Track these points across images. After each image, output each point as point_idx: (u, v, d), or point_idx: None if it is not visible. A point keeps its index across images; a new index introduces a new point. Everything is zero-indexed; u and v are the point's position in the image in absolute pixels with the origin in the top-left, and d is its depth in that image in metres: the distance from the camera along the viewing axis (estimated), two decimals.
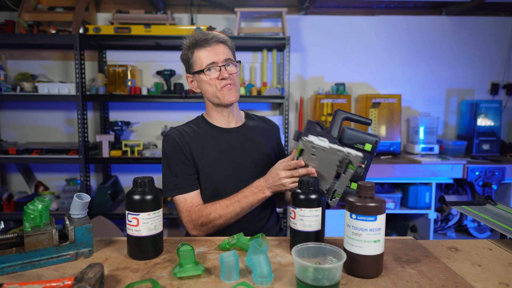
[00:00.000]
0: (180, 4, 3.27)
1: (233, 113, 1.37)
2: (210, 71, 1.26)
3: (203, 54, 1.27)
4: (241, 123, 1.41)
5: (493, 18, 3.34)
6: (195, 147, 1.31)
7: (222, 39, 1.29)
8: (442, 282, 0.80)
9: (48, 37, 2.83)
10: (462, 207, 1.23)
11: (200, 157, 1.31)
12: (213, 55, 1.26)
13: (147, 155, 2.92)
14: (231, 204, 1.20)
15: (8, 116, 3.28)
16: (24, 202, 2.96)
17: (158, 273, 0.84)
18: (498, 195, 2.99)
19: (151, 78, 3.29)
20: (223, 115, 1.36)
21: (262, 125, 1.46)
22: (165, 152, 1.30)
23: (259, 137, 1.40)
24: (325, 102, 3.09)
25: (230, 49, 1.32)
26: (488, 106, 3.12)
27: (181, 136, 1.31)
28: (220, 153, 1.32)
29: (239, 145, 1.35)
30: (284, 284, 0.79)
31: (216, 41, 1.27)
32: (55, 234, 0.88)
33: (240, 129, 1.39)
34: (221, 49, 1.28)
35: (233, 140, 1.35)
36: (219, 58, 1.26)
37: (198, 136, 1.34)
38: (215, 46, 1.27)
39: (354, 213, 0.81)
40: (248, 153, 1.35)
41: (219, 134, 1.35)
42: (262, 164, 1.34)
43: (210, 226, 1.20)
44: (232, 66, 1.29)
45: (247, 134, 1.38)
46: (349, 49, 3.34)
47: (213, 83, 1.27)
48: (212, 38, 1.27)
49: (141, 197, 0.90)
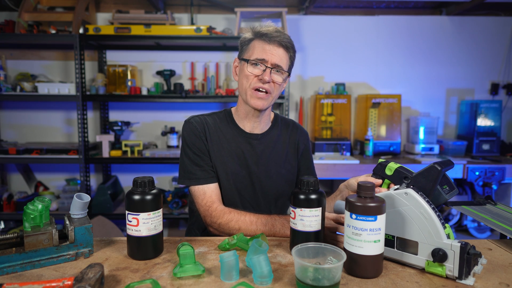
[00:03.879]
0: (180, 4, 3.27)
1: (260, 119, 1.29)
2: (254, 65, 1.19)
3: (260, 46, 1.19)
4: (266, 130, 1.33)
5: (493, 18, 3.34)
6: (212, 142, 1.26)
7: (285, 43, 1.20)
8: (442, 282, 0.80)
9: (48, 37, 2.83)
10: (462, 207, 1.23)
11: (216, 155, 1.25)
12: (267, 53, 1.18)
13: (147, 155, 2.92)
14: (256, 223, 1.11)
15: (8, 116, 3.28)
16: (24, 202, 2.96)
17: (158, 273, 0.84)
18: (498, 195, 2.99)
19: (151, 78, 3.29)
20: (249, 118, 1.28)
21: (287, 134, 1.36)
22: (186, 140, 1.25)
23: (279, 149, 1.32)
24: (325, 102, 3.09)
25: (289, 58, 1.23)
26: (488, 106, 3.12)
27: (204, 126, 1.26)
28: (234, 157, 1.26)
29: (257, 154, 1.28)
30: (284, 284, 0.79)
31: (279, 43, 1.19)
32: (55, 234, 0.88)
33: (262, 137, 1.31)
34: (279, 53, 1.19)
35: (251, 147, 1.29)
36: (272, 59, 1.18)
37: (218, 132, 1.28)
38: (275, 46, 1.19)
39: (354, 213, 0.81)
40: (264, 164, 1.28)
41: (239, 137, 1.29)
42: (276, 177, 1.29)
43: (226, 230, 1.15)
44: (279, 75, 1.20)
45: (267, 144, 1.31)
46: (349, 49, 3.34)
47: (250, 79, 1.19)
48: (276, 38, 1.19)
49: (141, 197, 0.90)
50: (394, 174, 0.97)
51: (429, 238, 0.82)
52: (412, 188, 0.86)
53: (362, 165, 2.75)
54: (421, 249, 0.84)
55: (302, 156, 1.38)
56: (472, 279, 0.80)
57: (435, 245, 0.82)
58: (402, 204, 0.86)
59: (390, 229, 0.89)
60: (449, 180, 0.98)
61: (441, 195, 0.95)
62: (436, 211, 0.83)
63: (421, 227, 0.84)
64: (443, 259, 0.80)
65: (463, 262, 0.78)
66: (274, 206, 1.33)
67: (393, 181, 0.97)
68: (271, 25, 1.23)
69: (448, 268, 0.80)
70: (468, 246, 0.79)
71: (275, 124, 1.36)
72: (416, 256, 0.85)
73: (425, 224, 0.83)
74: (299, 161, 1.38)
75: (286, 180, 1.33)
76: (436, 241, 0.82)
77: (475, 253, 0.79)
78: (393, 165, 0.98)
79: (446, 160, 0.93)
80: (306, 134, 1.41)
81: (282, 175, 1.32)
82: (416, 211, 0.84)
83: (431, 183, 0.91)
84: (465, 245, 0.78)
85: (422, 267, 0.84)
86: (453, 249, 0.79)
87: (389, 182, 0.99)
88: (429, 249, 0.83)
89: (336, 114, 3.12)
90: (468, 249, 0.79)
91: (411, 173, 0.95)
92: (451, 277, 0.81)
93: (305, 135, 1.40)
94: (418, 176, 0.92)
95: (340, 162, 2.75)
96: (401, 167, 0.97)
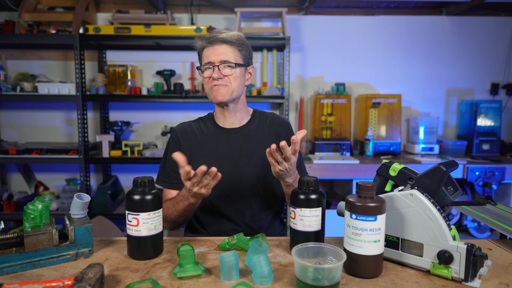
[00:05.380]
0: (180, 4, 3.27)
1: (234, 113, 1.36)
2: (206, 70, 1.30)
3: (206, 53, 1.30)
4: (244, 123, 1.39)
5: (493, 18, 3.34)
6: (196, 145, 1.35)
7: (225, 39, 1.28)
8: (442, 282, 0.80)
9: (48, 37, 2.83)
10: (462, 207, 1.23)
11: (199, 156, 1.33)
12: (212, 55, 1.28)
13: (147, 155, 2.92)
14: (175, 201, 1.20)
15: (8, 116, 3.27)
16: (24, 202, 2.96)
17: (158, 273, 0.84)
18: (498, 195, 2.99)
19: (151, 78, 3.29)
20: (224, 115, 1.37)
21: (266, 125, 1.41)
22: (167, 144, 1.41)
23: (260, 138, 1.37)
24: (325, 102, 3.09)
25: (237, 50, 1.30)
26: (488, 106, 3.12)
27: (184, 133, 1.38)
28: (217, 153, 1.34)
29: (238, 147, 1.35)
30: (284, 284, 0.79)
31: (220, 41, 1.28)
32: (55, 234, 0.88)
33: (241, 130, 1.38)
34: (222, 50, 1.28)
35: (232, 141, 1.36)
36: (217, 58, 1.27)
37: (201, 134, 1.38)
38: (217, 46, 1.28)
39: (354, 213, 0.81)
40: (246, 156, 1.34)
41: (219, 134, 1.37)
42: (261, 167, 1.32)
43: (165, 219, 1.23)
44: (228, 68, 1.28)
45: (247, 135, 1.37)
46: (349, 49, 3.34)
47: (207, 82, 1.30)
48: (216, 38, 1.28)
49: (141, 197, 0.90)
50: (398, 175, 0.96)
51: (435, 240, 0.82)
52: (417, 189, 0.85)
53: (362, 165, 2.75)
54: (426, 251, 0.84)
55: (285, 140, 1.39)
56: (478, 281, 0.79)
57: (441, 247, 0.81)
58: (407, 205, 0.86)
59: (394, 230, 0.88)
60: (453, 181, 0.97)
61: (446, 196, 0.94)
62: (441, 212, 0.83)
63: (426, 229, 0.83)
64: (449, 261, 0.79)
65: (469, 264, 0.78)
66: (264, 195, 1.34)
67: (397, 182, 0.97)
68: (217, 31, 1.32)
69: (454, 270, 0.80)
70: (474, 248, 0.78)
71: (254, 118, 1.42)
72: (421, 258, 0.85)
73: (430, 225, 0.82)
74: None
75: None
76: (441, 243, 0.81)
77: (481, 255, 0.79)
78: (397, 166, 0.97)
79: (451, 161, 0.93)
80: (288, 124, 1.44)
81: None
82: (421, 212, 0.83)
83: (436, 184, 0.90)
84: (471, 247, 0.78)
85: (428, 269, 0.84)
86: (459, 251, 0.78)
87: (392, 183, 0.99)
88: (434, 251, 0.82)
89: (336, 114, 3.12)
90: (474, 251, 0.78)
91: (416, 174, 0.94)
92: (457, 279, 0.80)
93: (286, 124, 1.43)
94: (423, 177, 0.92)
95: (340, 162, 2.75)
96: (405, 168, 0.96)
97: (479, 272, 0.81)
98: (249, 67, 1.36)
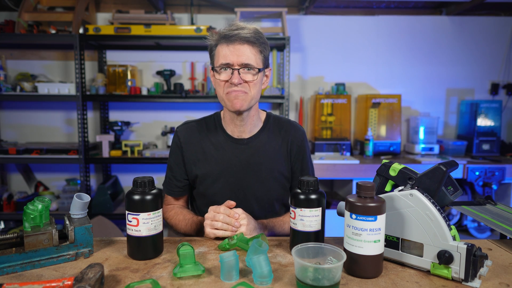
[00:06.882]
0: (180, 4, 3.27)
1: (246, 122, 1.23)
2: (222, 71, 1.14)
3: (222, 51, 1.13)
4: (255, 132, 1.26)
5: (493, 18, 3.34)
6: (199, 151, 1.26)
7: (248, 39, 1.12)
8: (443, 282, 0.80)
9: (48, 37, 2.83)
10: (462, 207, 1.22)
11: (202, 164, 1.25)
12: (231, 56, 1.11)
13: (147, 155, 2.92)
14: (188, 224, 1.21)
15: (8, 116, 3.27)
16: (24, 202, 2.96)
17: (158, 273, 0.84)
18: (498, 195, 2.99)
19: (151, 78, 3.29)
20: (235, 123, 1.23)
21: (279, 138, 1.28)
22: (170, 148, 1.33)
23: (270, 153, 1.25)
24: (325, 102, 3.09)
25: (258, 52, 1.14)
26: (488, 106, 3.12)
27: (187, 136, 1.28)
28: (222, 165, 1.24)
29: (245, 160, 1.24)
30: (284, 284, 0.79)
31: (241, 40, 1.11)
32: (55, 234, 0.88)
33: (250, 141, 1.25)
34: (243, 51, 1.11)
35: (240, 153, 1.24)
36: (237, 60, 1.11)
37: (206, 139, 1.27)
38: (238, 46, 1.11)
39: (354, 213, 0.81)
40: (254, 169, 1.24)
41: (226, 143, 1.25)
42: (270, 182, 1.25)
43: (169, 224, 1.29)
44: (249, 73, 1.13)
45: (256, 149, 1.25)
46: (349, 49, 3.34)
47: (222, 85, 1.15)
48: (237, 36, 1.11)
49: (141, 197, 0.90)
50: (398, 175, 0.96)
51: (435, 240, 0.82)
52: (417, 189, 0.85)
53: (362, 165, 2.75)
54: (426, 251, 0.83)
55: (296, 157, 1.29)
56: (478, 281, 0.79)
57: (441, 247, 0.81)
58: (407, 205, 0.86)
59: (394, 230, 0.88)
60: (453, 181, 0.97)
61: (446, 196, 0.94)
62: (441, 212, 0.82)
63: (426, 229, 0.83)
64: (449, 261, 0.79)
65: (469, 264, 0.78)
66: (270, 211, 1.29)
67: (397, 182, 0.97)
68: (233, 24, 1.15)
69: (454, 270, 0.79)
70: (474, 248, 0.78)
71: (266, 126, 1.29)
72: (421, 258, 0.85)
73: (430, 225, 0.82)
74: (293, 163, 1.29)
75: (280, 184, 1.28)
76: (441, 243, 0.81)
77: (481, 255, 0.79)
78: (397, 166, 0.97)
79: (451, 161, 0.93)
80: (303, 133, 1.31)
81: (275, 178, 1.26)
82: (421, 212, 0.83)
83: (436, 184, 0.90)
84: (472, 247, 0.77)
85: (428, 269, 0.84)
86: (459, 251, 0.78)
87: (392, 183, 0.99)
88: (434, 251, 0.82)
89: (336, 114, 3.12)
90: (475, 251, 0.78)
91: (416, 174, 0.94)
92: (457, 280, 0.80)
93: (301, 134, 1.30)
94: (423, 177, 0.92)
95: (340, 162, 2.75)
96: (405, 168, 0.96)
97: (479, 272, 0.81)
98: (267, 69, 1.22)
